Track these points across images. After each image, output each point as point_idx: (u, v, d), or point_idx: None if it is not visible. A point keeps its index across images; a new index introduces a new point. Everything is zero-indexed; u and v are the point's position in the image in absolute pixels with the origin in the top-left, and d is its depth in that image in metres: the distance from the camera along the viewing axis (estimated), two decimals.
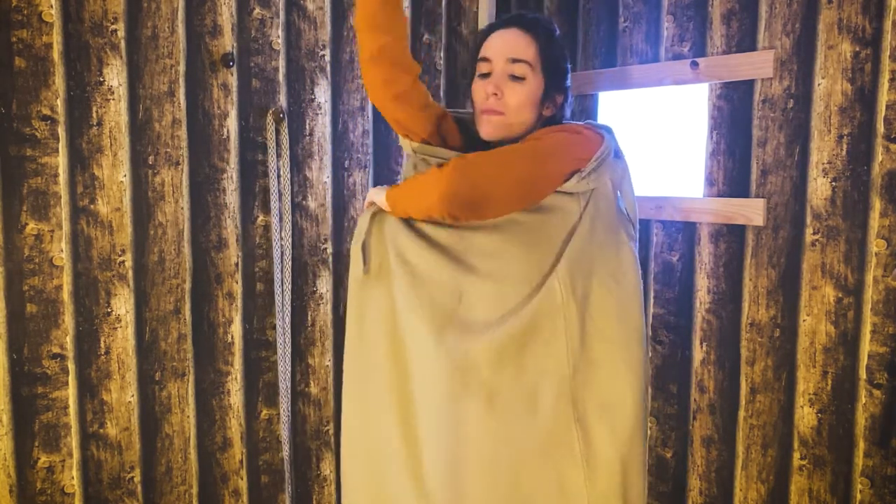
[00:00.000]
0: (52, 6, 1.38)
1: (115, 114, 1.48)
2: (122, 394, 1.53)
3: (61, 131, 1.42)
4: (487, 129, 1.33)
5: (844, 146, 1.46)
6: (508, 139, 1.33)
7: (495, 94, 1.30)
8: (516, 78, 1.30)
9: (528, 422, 1.27)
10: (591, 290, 1.31)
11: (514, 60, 1.29)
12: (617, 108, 1.90)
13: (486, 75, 1.32)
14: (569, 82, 1.38)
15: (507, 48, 1.30)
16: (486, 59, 1.32)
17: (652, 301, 1.78)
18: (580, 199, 1.30)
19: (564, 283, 1.28)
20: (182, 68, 1.55)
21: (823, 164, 1.48)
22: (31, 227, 1.41)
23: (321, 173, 1.76)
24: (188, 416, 1.62)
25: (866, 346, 1.44)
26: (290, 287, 1.70)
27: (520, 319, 1.26)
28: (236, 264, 1.66)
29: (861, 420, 1.46)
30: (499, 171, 1.24)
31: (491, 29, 1.35)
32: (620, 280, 1.33)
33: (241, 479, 1.71)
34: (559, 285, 1.28)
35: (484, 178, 1.23)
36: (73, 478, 1.48)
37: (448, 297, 1.29)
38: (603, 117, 1.91)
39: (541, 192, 1.28)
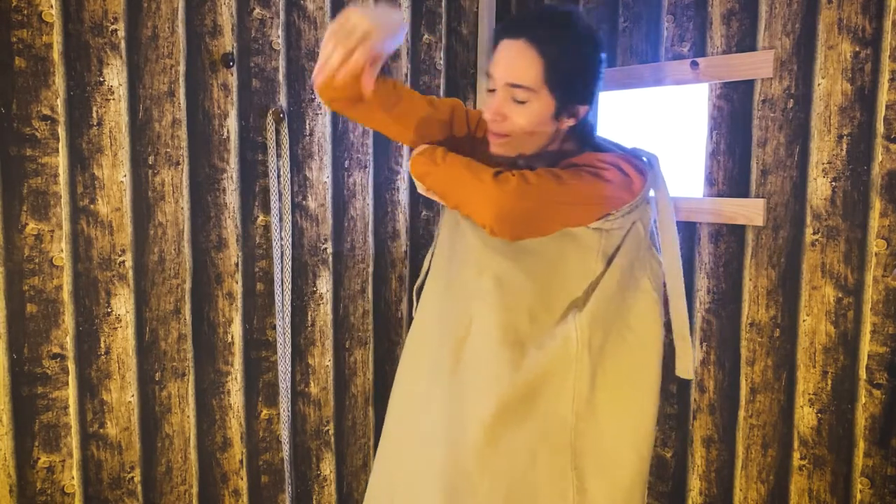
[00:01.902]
0: (52, 6, 1.38)
1: (115, 114, 1.48)
2: (122, 394, 1.53)
3: (61, 131, 1.42)
4: (496, 149, 1.23)
5: (844, 146, 1.46)
6: (526, 155, 1.24)
7: (497, 118, 1.19)
8: (518, 101, 1.16)
9: (526, 463, 1.24)
10: (607, 340, 1.26)
11: (513, 86, 1.15)
12: (617, 108, 1.90)
13: (492, 90, 1.20)
14: (595, 87, 1.22)
15: (507, 70, 1.15)
16: (490, 75, 1.19)
17: None
18: (601, 236, 1.22)
19: (583, 334, 1.22)
20: (182, 68, 1.55)
21: (823, 164, 1.49)
22: (31, 227, 1.41)
23: (321, 173, 1.76)
24: (188, 416, 1.62)
25: (866, 346, 1.44)
26: (290, 287, 1.70)
27: (529, 373, 1.22)
28: (236, 264, 1.66)
29: (861, 420, 1.46)
30: (559, 204, 1.16)
31: (502, 33, 1.18)
32: (637, 329, 1.28)
33: (241, 479, 1.71)
34: (576, 335, 1.22)
35: (544, 208, 1.16)
36: (73, 478, 1.48)
37: (459, 320, 1.27)
38: (603, 117, 1.91)
39: (577, 224, 1.21)
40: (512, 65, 1.14)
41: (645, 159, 1.27)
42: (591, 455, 1.26)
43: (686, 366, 1.34)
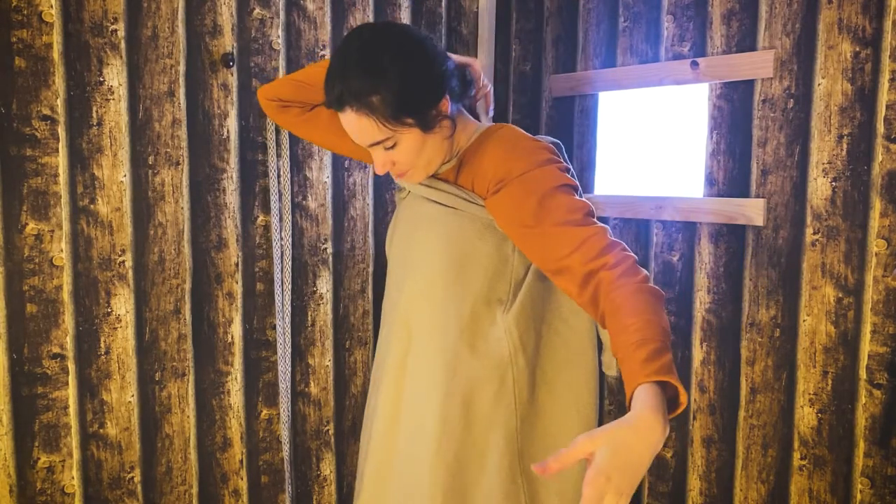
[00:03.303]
0: (52, 6, 1.38)
1: (115, 114, 1.48)
2: (122, 394, 1.53)
3: (61, 131, 1.42)
4: (413, 183, 1.26)
5: (844, 146, 1.46)
6: (441, 167, 1.26)
7: (389, 168, 1.19)
8: (389, 149, 1.15)
9: (476, 471, 1.24)
10: (541, 336, 1.26)
11: (372, 145, 1.15)
12: (617, 108, 1.90)
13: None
14: (435, 80, 1.15)
15: (356, 136, 1.15)
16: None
17: None
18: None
19: (512, 336, 1.22)
20: (182, 68, 1.55)
21: (823, 164, 1.48)
22: (31, 227, 1.41)
23: (321, 173, 1.76)
24: (188, 416, 1.62)
25: (866, 346, 1.44)
26: (290, 287, 1.70)
27: (464, 380, 1.22)
28: (236, 264, 1.66)
29: (861, 420, 1.46)
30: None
31: (327, 103, 1.16)
32: (570, 320, 1.28)
33: (241, 479, 1.71)
34: (507, 338, 1.22)
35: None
36: (73, 478, 1.48)
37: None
38: (603, 117, 1.91)
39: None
40: (357, 133, 1.14)
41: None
42: (537, 456, 1.26)
43: (609, 361, 1.34)
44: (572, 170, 1.23)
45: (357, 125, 1.12)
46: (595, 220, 1.10)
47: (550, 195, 1.11)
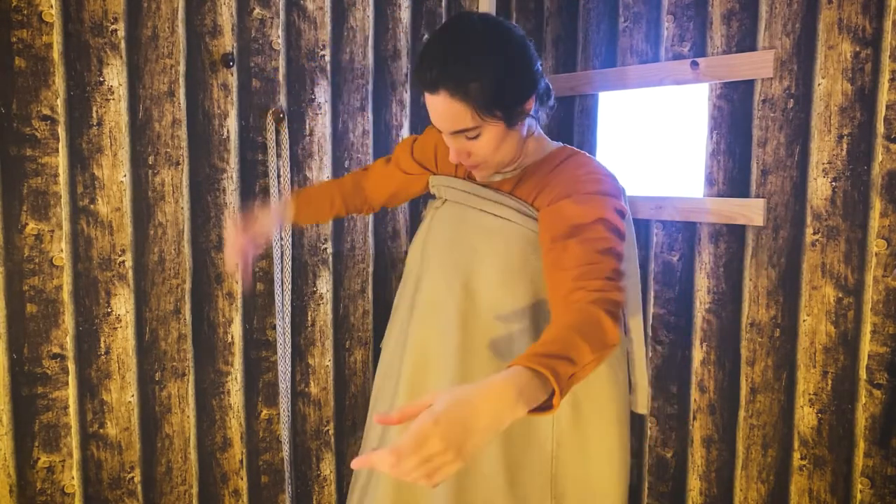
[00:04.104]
0: (52, 6, 1.38)
1: (115, 114, 1.48)
2: (122, 394, 1.53)
3: (61, 131, 1.42)
4: (481, 178, 1.25)
5: (844, 146, 1.46)
6: (509, 170, 1.25)
7: (463, 158, 1.19)
8: (471, 139, 1.15)
9: (503, 489, 1.23)
10: None
11: (457, 132, 1.14)
12: (617, 108, 1.90)
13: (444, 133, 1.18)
14: (529, 76, 1.16)
15: (444, 123, 1.13)
16: (434, 125, 1.18)
17: (652, 301, 1.78)
18: None
19: None
20: (182, 68, 1.55)
21: (823, 164, 1.48)
22: (31, 227, 1.41)
23: (321, 173, 1.76)
24: (188, 416, 1.62)
25: (866, 346, 1.44)
26: (290, 287, 1.70)
27: None
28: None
29: (861, 420, 1.46)
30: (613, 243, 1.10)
31: (420, 85, 1.14)
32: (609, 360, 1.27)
33: (241, 479, 1.71)
34: None
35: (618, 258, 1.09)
36: (73, 478, 1.48)
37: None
38: (603, 117, 1.91)
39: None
40: (446, 118, 1.13)
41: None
42: (571, 484, 1.24)
43: (642, 400, 1.35)
44: (628, 216, 1.23)
45: (448, 109, 1.10)
46: (620, 263, 1.07)
47: (592, 225, 1.10)
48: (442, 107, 1.11)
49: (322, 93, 1.75)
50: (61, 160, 1.42)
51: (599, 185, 1.15)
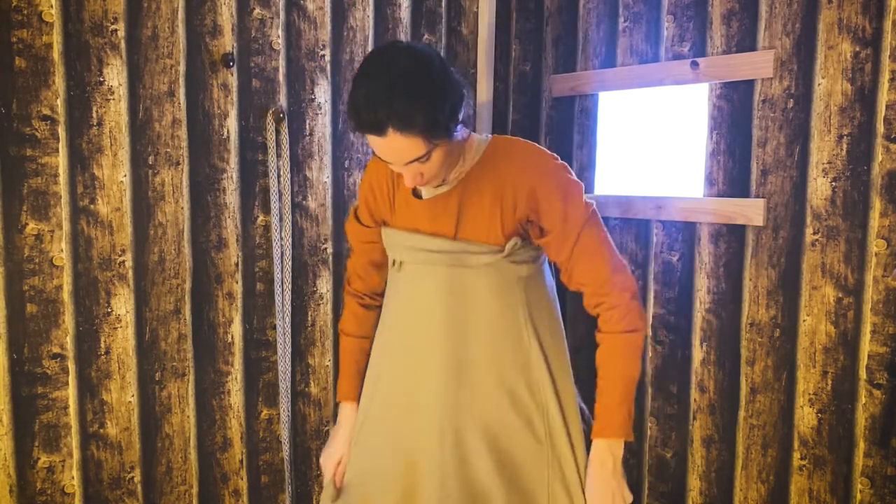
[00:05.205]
0: (52, 6, 1.39)
1: (115, 114, 1.48)
2: (123, 394, 1.53)
3: (61, 131, 1.42)
4: (427, 191, 1.33)
5: (844, 146, 1.46)
6: (453, 176, 1.31)
7: (418, 181, 1.23)
8: (423, 162, 1.18)
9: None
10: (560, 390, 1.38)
11: (410, 162, 1.17)
12: (617, 107, 1.90)
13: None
14: (457, 92, 1.20)
15: (395, 156, 1.16)
16: (383, 159, 1.20)
17: (652, 301, 1.78)
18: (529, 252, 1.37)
19: (553, 416, 1.35)
20: (182, 68, 1.55)
21: (823, 164, 1.48)
22: (31, 227, 1.41)
23: (321, 173, 1.76)
24: (188, 416, 1.62)
25: (866, 346, 1.44)
26: (290, 287, 1.70)
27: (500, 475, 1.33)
28: (236, 264, 1.66)
29: (861, 420, 1.46)
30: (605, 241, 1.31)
31: (364, 128, 1.15)
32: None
33: (241, 479, 1.71)
34: (541, 422, 1.35)
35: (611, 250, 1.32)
36: (73, 478, 1.48)
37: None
38: (603, 117, 1.91)
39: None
40: (398, 153, 1.16)
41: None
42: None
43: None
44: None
45: (400, 145, 1.14)
46: (615, 250, 1.32)
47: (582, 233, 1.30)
48: (393, 144, 1.14)
49: (322, 93, 1.75)
50: (61, 160, 1.42)
51: (556, 173, 1.30)
